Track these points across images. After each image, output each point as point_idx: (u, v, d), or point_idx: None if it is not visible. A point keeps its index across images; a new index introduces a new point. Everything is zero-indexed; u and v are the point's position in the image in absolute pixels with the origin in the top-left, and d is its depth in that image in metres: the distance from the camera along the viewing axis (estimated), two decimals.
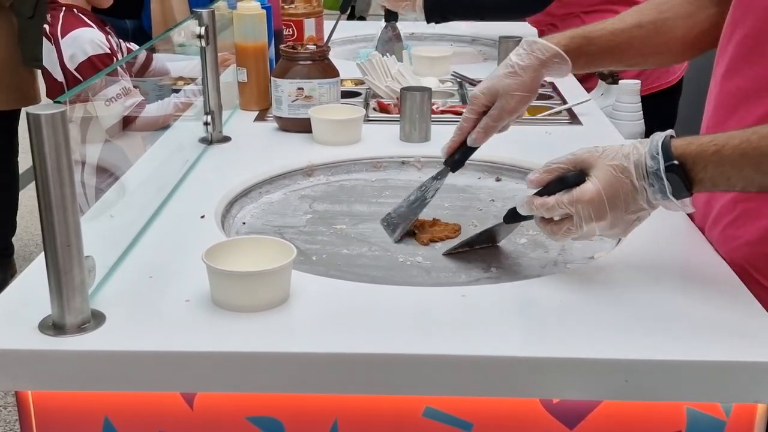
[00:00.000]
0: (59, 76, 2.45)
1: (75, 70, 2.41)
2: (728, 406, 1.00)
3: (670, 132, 1.07)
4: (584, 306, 1.09)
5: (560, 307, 1.09)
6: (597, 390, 0.99)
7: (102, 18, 2.64)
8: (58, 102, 0.92)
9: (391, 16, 2.55)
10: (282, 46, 1.85)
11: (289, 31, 2.31)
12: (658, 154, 1.05)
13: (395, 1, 2.46)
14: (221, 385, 1.00)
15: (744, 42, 1.18)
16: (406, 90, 1.75)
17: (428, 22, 2.45)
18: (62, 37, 2.43)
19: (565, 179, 1.11)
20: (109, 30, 2.51)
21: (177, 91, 2.53)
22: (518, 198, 1.20)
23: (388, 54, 2.15)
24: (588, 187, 1.08)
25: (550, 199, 1.10)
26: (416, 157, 1.67)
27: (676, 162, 1.04)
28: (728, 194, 1.20)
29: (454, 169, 1.37)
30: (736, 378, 0.97)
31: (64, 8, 2.47)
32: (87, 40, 2.41)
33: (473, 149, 1.35)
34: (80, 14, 2.48)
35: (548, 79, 1.47)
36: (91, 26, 2.46)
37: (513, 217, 1.23)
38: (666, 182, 1.04)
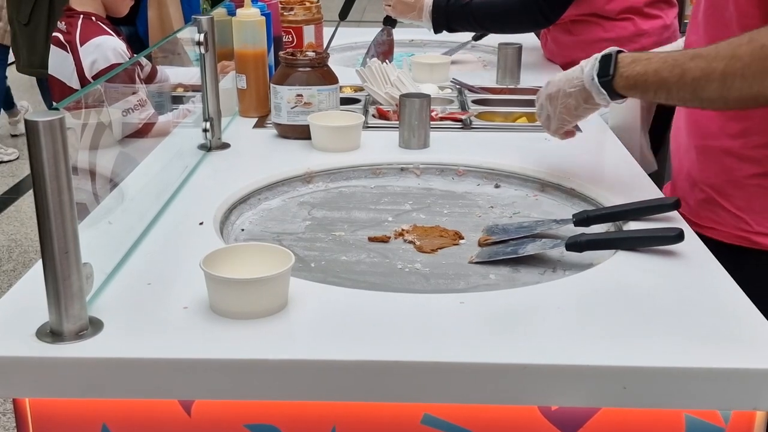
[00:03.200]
0: (75, 84, 2.43)
1: (94, 77, 2.39)
2: (727, 413, 1.00)
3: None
4: (582, 313, 1.09)
5: (559, 314, 1.09)
6: (595, 397, 0.99)
7: (116, 28, 2.62)
8: (56, 109, 0.92)
9: (389, 20, 2.57)
10: (281, 53, 1.86)
11: (288, 37, 2.32)
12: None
13: (402, 12, 2.49)
14: (219, 392, 1.00)
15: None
16: (405, 97, 1.75)
17: (435, 32, 2.48)
18: (81, 44, 2.40)
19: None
20: (123, 40, 2.50)
21: (177, 99, 2.52)
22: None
23: (379, 57, 2.15)
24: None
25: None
26: (415, 163, 1.67)
27: (610, 55, 1.32)
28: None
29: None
30: (734, 385, 0.97)
31: (81, 16, 2.45)
32: (110, 48, 2.39)
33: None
34: (99, 22, 2.47)
35: None
36: (112, 35, 2.44)
37: (577, 246, 1.27)
38: (597, 64, 1.34)
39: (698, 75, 1.21)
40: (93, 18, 2.46)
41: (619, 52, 1.33)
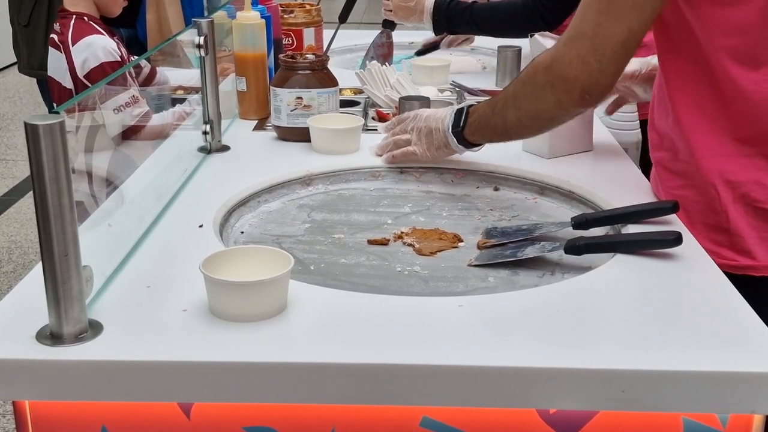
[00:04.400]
0: (68, 84, 2.44)
1: (85, 76, 2.40)
2: (725, 417, 1.00)
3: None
4: (581, 316, 1.10)
5: (557, 317, 1.09)
6: (594, 400, 0.99)
7: (110, 28, 2.63)
8: (56, 112, 0.92)
9: (387, 23, 2.58)
10: (281, 56, 1.86)
11: (288, 40, 2.32)
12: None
13: (404, 17, 2.50)
14: (218, 395, 1.00)
15: None
16: (404, 99, 1.76)
17: (436, 33, 2.50)
18: (73, 44, 2.42)
19: None
20: (117, 40, 2.51)
21: (177, 100, 2.52)
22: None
23: (378, 59, 2.15)
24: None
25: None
26: (415, 166, 1.67)
27: (463, 108, 1.49)
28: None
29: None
30: (732, 388, 0.97)
31: (74, 16, 2.47)
32: (100, 47, 2.40)
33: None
34: (91, 22, 2.48)
35: None
36: (104, 34, 2.46)
37: (576, 249, 1.27)
38: (453, 116, 1.50)
39: (501, 104, 1.40)
40: (85, 18, 2.48)
41: (470, 106, 1.49)
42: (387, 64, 2.15)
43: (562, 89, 1.27)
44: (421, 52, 2.71)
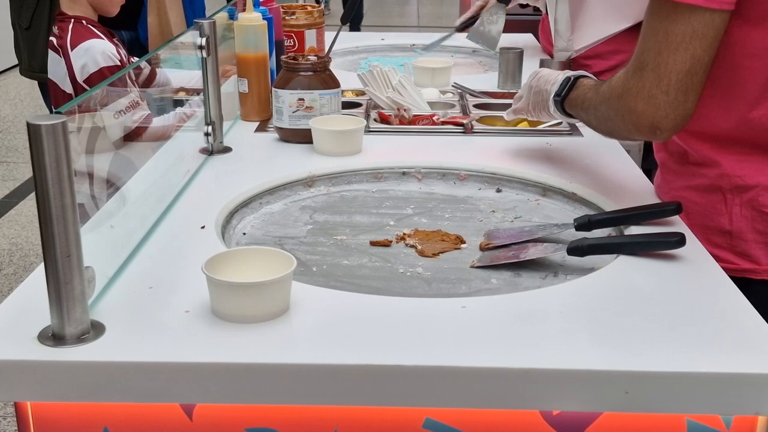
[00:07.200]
0: (68, 88, 2.44)
1: (85, 81, 2.40)
2: (728, 418, 1.00)
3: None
4: (584, 318, 1.09)
5: (560, 318, 1.09)
6: (597, 402, 0.99)
7: (110, 30, 2.63)
8: (59, 113, 0.92)
9: None
10: (283, 57, 1.86)
11: (290, 41, 2.32)
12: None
13: None
14: (220, 396, 1.00)
15: None
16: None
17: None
18: (72, 48, 2.42)
19: None
20: (117, 42, 2.51)
21: (178, 102, 2.53)
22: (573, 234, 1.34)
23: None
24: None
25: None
26: (417, 168, 1.67)
27: (570, 78, 1.46)
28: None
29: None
30: (736, 390, 0.97)
31: (72, 20, 2.47)
32: (99, 51, 2.40)
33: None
34: (89, 26, 2.48)
35: None
36: (102, 38, 2.45)
37: (579, 250, 1.27)
38: (558, 85, 1.47)
39: (588, 105, 1.39)
40: (84, 22, 2.47)
41: (583, 76, 1.47)
42: (392, 72, 2.12)
43: (631, 122, 1.24)
44: (460, 29, 2.76)
